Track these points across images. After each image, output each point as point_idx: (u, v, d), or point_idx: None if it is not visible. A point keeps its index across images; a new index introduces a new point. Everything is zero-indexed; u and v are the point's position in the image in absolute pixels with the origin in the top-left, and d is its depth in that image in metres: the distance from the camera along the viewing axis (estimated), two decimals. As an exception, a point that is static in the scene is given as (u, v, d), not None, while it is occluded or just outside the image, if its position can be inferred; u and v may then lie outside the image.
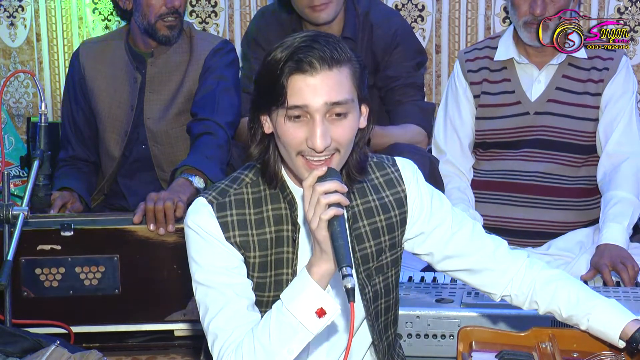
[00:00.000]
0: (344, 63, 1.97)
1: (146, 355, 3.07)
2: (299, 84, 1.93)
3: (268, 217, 2.09)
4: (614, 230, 3.15)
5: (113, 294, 3.02)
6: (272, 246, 2.08)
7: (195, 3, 4.21)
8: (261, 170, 2.09)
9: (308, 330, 1.91)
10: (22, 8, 4.33)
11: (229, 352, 1.96)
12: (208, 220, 2.05)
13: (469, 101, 3.46)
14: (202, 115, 3.38)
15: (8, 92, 4.37)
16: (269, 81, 1.96)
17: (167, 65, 3.52)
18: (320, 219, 1.87)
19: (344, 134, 1.97)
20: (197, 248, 2.06)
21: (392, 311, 2.23)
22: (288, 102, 1.94)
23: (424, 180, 2.22)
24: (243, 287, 2.05)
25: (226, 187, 2.10)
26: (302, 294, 1.91)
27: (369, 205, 2.15)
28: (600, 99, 3.35)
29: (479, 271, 2.22)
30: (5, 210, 2.69)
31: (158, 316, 3.06)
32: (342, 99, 1.95)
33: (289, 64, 1.93)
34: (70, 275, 2.99)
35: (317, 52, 1.93)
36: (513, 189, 3.38)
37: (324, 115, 1.94)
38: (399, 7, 4.08)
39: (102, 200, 3.62)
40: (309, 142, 1.94)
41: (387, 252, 2.17)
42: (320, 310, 1.90)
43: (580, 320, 2.15)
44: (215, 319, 2.01)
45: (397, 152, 2.95)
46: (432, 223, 2.19)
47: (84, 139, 3.61)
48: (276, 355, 1.92)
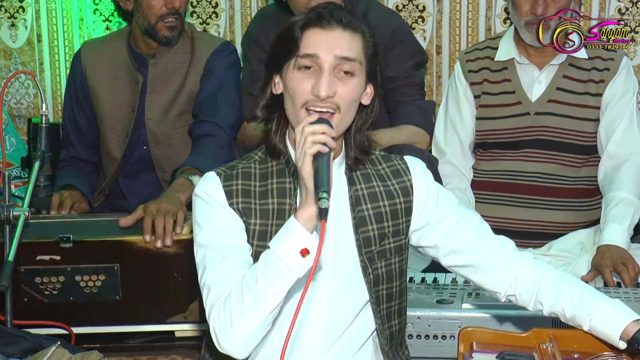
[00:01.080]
0: (358, 32, 2.12)
1: (147, 356, 3.07)
2: (313, 36, 2.08)
3: (272, 189, 2.17)
4: (615, 231, 3.14)
5: (114, 301, 3.00)
6: (274, 217, 2.15)
7: (196, 4, 4.21)
8: (265, 139, 2.19)
9: (292, 270, 1.96)
10: (23, 9, 4.33)
11: (218, 302, 2.02)
12: (214, 188, 2.15)
13: (469, 101, 3.46)
14: (203, 117, 3.38)
15: (9, 93, 4.38)
16: (286, 35, 2.11)
17: (168, 66, 3.52)
18: (305, 153, 1.97)
19: (346, 92, 2.09)
20: (200, 212, 2.15)
21: (396, 301, 2.26)
22: (300, 50, 2.07)
23: (431, 177, 2.30)
24: (241, 249, 2.11)
25: (236, 163, 2.22)
26: (287, 236, 1.97)
27: (373, 190, 2.22)
28: (601, 99, 3.35)
29: (483, 268, 2.25)
30: (6, 211, 2.70)
31: (158, 320, 3.05)
32: (352, 56, 2.09)
33: (308, 16, 2.09)
34: (70, 284, 2.97)
35: (336, 13, 2.10)
36: (513, 189, 3.38)
37: (332, 68, 2.07)
38: (400, 8, 4.08)
39: (102, 200, 3.62)
40: (314, 89, 2.06)
41: (390, 238, 2.22)
42: (304, 250, 1.95)
43: (583, 320, 2.15)
44: (210, 274, 2.07)
45: (396, 152, 2.95)
46: (438, 215, 2.25)
47: (86, 139, 3.61)
48: (262, 300, 1.97)
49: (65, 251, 2.96)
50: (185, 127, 3.49)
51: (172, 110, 3.51)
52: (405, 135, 3.44)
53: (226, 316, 1.99)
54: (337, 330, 2.20)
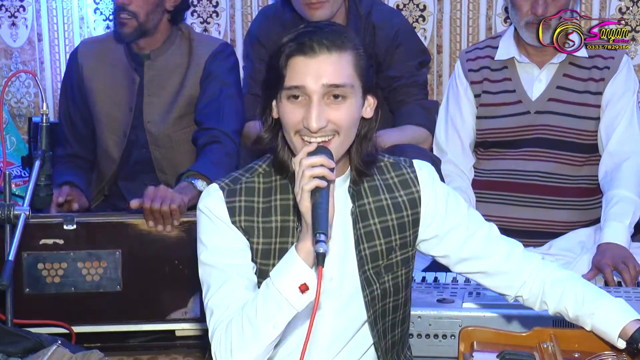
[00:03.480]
0: (346, 49, 2.03)
1: (147, 355, 3.07)
2: (298, 66, 2.01)
3: (276, 206, 2.13)
4: (616, 229, 3.14)
5: (115, 290, 3.02)
6: (277, 235, 2.13)
7: (197, 3, 4.21)
8: (272, 158, 2.15)
9: (292, 305, 1.95)
10: (23, 8, 4.33)
11: (220, 328, 2.02)
12: (217, 204, 2.11)
13: (469, 100, 3.46)
14: (207, 124, 3.36)
15: (9, 92, 4.38)
16: (272, 64, 2.05)
17: (165, 67, 3.50)
18: (303, 189, 1.93)
19: (341, 117, 2.02)
20: (204, 229, 2.13)
21: (401, 310, 2.25)
22: (287, 82, 2.01)
23: (440, 182, 2.25)
24: (245, 268, 2.09)
25: (239, 175, 2.17)
26: (287, 270, 1.96)
27: (380, 203, 2.18)
28: (601, 97, 3.35)
29: (494, 274, 2.24)
30: (7, 210, 2.70)
31: (159, 314, 3.06)
32: (340, 82, 2.01)
33: (291, 46, 2.01)
34: (73, 271, 3.00)
35: (319, 37, 2.01)
36: (514, 188, 3.38)
37: (321, 97, 2.01)
38: (401, 7, 4.08)
39: (102, 201, 3.61)
40: (305, 122, 2.00)
41: (398, 251, 2.19)
42: (304, 286, 1.94)
43: (585, 320, 2.15)
44: (214, 296, 2.06)
45: (399, 152, 2.95)
46: (447, 225, 2.21)
47: (81, 137, 3.60)
48: (262, 331, 1.97)
49: (69, 234, 2.97)
50: (186, 129, 3.48)
51: (172, 113, 3.49)
52: (409, 135, 3.44)
53: (227, 345, 1.99)
54: (339, 344, 2.19)
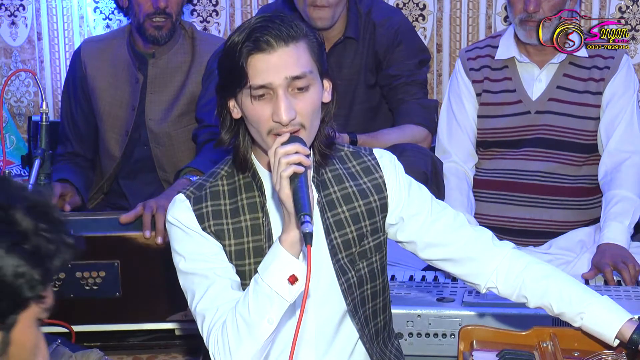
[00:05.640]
0: (300, 38, 2.04)
1: (147, 355, 3.08)
2: (259, 64, 2.01)
3: (243, 205, 2.14)
4: (615, 229, 3.14)
5: (114, 298, 3.01)
6: (248, 234, 2.13)
7: (197, 2, 4.21)
8: (233, 157, 2.15)
9: (283, 298, 1.94)
10: (23, 7, 4.33)
11: (214, 331, 2.01)
12: (185, 214, 2.12)
13: (472, 98, 3.46)
14: (208, 121, 3.36)
15: (9, 91, 4.37)
16: (230, 65, 2.04)
17: (168, 66, 3.50)
18: (281, 176, 1.93)
19: (306, 107, 2.03)
20: (178, 240, 2.13)
21: (380, 297, 2.24)
22: (251, 82, 2.01)
23: (402, 170, 2.25)
24: (226, 270, 2.09)
25: (203, 181, 2.18)
26: (274, 263, 1.95)
27: (346, 191, 2.18)
28: (601, 97, 3.35)
29: (461, 260, 2.22)
30: (7, 209, 2.69)
31: (159, 317, 3.06)
32: (302, 73, 2.02)
33: (247, 45, 2.00)
34: (71, 281, 2.98)
35: (273, 31, 2.01)
36: (514, 188, 3.37)
37: (286, 90, 2.01)
38: (400, 6, 4.08)
39: (102, 199, 3.61)
40: (275, 117, 2.00)
41: (369, 237, 2.19)
42: (292, 277, 1.93)
43: (573, 318, 2.14)
44: (200, 301, 2.06)
45: (399, 151, 2.95)
46: (412, 210, 2.21)
47: (82, 136, 3.60)
48: (257, 327, 1.96)
49: None
50: (187, 127, 3.48)
51: (173, 111, 3.50)
52: (409, 135, 3.43)
53: (224, 345, 1.99)
54: (326, 339, 2.18)
